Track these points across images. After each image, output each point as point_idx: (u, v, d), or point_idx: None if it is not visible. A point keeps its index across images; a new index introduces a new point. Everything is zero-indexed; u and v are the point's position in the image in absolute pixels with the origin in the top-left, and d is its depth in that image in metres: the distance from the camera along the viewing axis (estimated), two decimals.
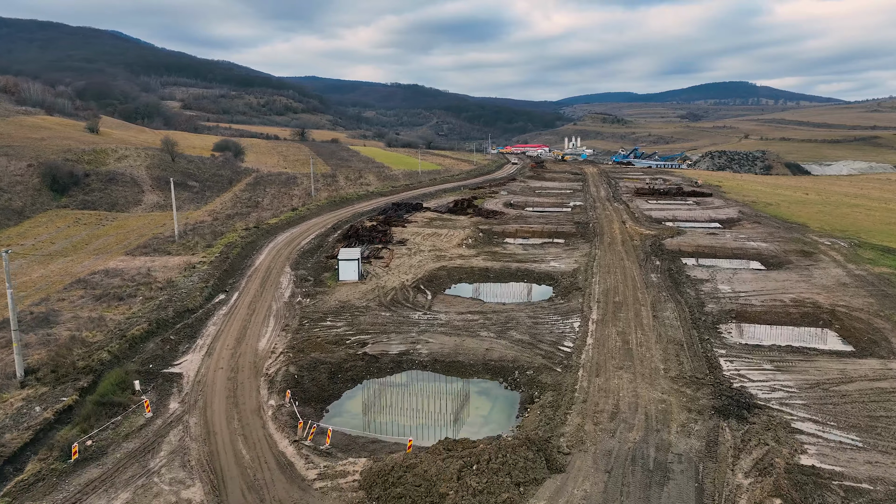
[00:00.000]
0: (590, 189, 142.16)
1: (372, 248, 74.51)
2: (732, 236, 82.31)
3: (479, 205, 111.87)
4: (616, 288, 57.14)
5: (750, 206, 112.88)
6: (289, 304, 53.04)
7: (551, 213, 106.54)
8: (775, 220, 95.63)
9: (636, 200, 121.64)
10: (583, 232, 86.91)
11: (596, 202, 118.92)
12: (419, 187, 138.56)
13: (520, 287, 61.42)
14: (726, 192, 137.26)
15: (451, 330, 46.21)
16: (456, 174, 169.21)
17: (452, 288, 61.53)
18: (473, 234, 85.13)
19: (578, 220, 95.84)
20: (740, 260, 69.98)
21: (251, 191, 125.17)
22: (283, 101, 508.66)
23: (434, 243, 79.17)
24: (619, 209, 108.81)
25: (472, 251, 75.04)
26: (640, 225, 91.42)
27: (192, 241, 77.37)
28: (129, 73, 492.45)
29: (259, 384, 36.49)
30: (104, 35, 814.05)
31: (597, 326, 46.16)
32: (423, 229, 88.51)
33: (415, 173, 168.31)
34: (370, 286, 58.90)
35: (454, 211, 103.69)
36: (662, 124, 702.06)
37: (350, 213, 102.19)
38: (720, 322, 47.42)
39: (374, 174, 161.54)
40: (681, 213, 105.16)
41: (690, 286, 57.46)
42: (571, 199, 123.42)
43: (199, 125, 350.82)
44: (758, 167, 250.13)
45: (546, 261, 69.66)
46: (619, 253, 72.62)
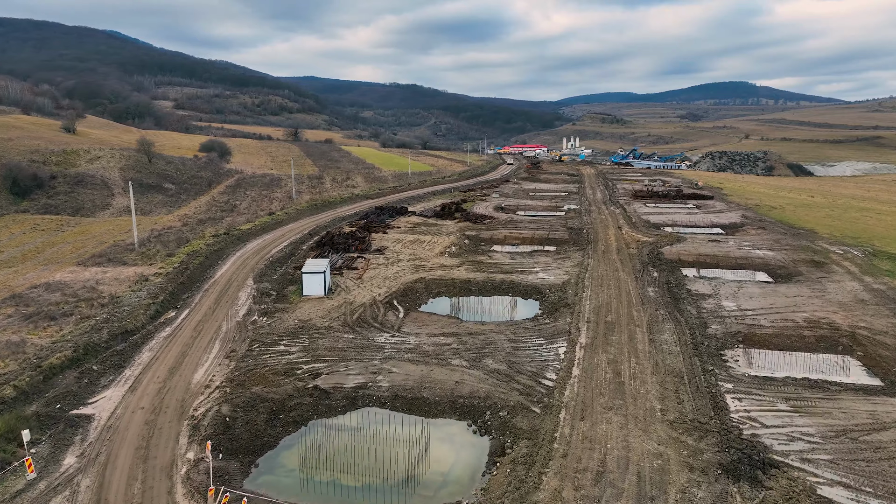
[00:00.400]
0: (586, 191, 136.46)
1: (346, 258, 68.80)
2: (736, 244, 76.62)
3: (468, 208, 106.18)
4: (609, 304, 51.45)
5: (753, 209, 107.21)
6: (241, 325, 47.33)
7: (543, 217, 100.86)
8: (781, 226, 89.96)
9: (634, 204, 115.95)
10: (576, 238, 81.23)
11: (591, 206, 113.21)
12: (408, 189, 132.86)
13: (503, 302, 55.72)
14: (728, 194, 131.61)
15: (419, 357, 40.53)
16: (448, 176, 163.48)
17: (429, 303, 55.84)
18: (458, 242, 79.41)
19: (572, 226, 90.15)
20: (745, 271, 64.28)
21: (230, 193, 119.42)
22: (279, 101, 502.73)
23: (415, 251, 73.48)
24: (616, 213, 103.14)
25: (454, 260, 69.35)
26: (636, 231, 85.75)
27: (154, 249, 71.66)
28: (122, 73, 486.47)
29: (180, 430, 30.78)
30: (99, 34, 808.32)
31: (585, 353, 40.46)
32: (404, 236, 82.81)
33: (406, 174, 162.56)
34: (337, 302, 53.21)
35: (441, 215, 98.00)
36: (662, 124, 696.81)
37: (331, 218, 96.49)
38: (725, 347, 41.73)
39: (362, 176, 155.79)
40: (681, 217, 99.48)
41: (691, 302, 51.77)
42: (566, 202, 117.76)
43: (190, 125, 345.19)
44: (759, 168, 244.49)
45: (534, 271, 63.99)
46: (613, 263, 66.93)
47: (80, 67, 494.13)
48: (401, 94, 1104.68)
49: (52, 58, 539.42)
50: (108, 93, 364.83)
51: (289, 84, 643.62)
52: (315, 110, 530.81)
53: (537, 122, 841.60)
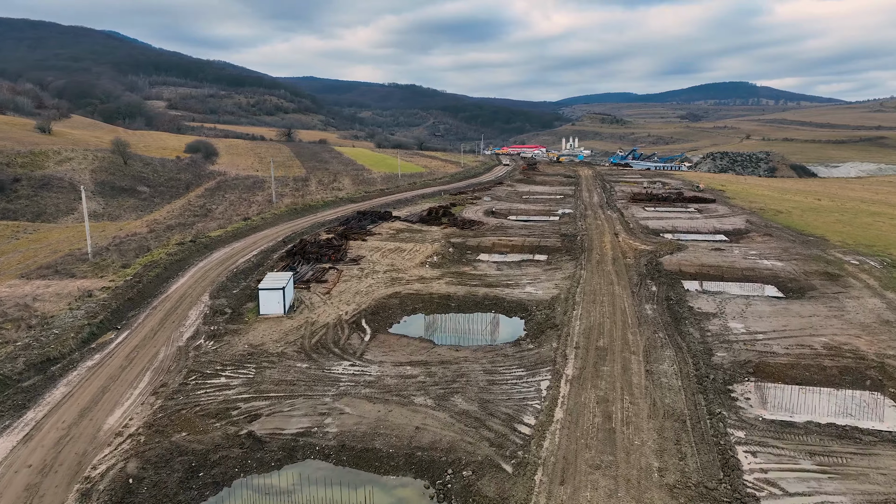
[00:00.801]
0: (582, 194, 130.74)
1: (316, 269, 63.09)
2: (742, 252, 70.87)
3: (457, 213, 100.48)
4: (601, 325, 45.74)
5: (758, 214, 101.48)
6: (182, 351, 41.62)
7: (536, 222, 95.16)
8: (789, 232, 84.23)
9: (632, 208, 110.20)
10: (569, 246, 75.50)
11: (587, 210, 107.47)
12: (396, 192, 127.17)
13: (484, 321, 50.02)
14: (731, 197, 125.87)
15: (378, 393, 34.85)
16: (440, 177, 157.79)
17: (402, 322, 50.15)
18: (442, 250, 73.68)
19: (565, 232, 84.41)
20: (753, 284, 58.53)
21: (208, 197, 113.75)
22: (274, 101, 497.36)
23: (394, 262, 67.77)
24: (613, 218, 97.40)
25: (435, 272, 63.64)
26: (634, 238, 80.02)
27: (109, 259, 65.95)
28: (116, 73, 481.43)
29: (66, 500, 25.06)
30: (96, 34, 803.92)
31: (571, 389, 34.76)
32: (385, 243, 77.09)
33: (396, 177, 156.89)
34: (297, 322, 47.52)
35: (426, 220, 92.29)
36: (662, 124, 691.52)
37: (309, 223, 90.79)
38: (734, 380, 36.02)
39: (350, 178, 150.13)
40: (681, 222, 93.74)
41: (694, 323, 46.04)
42: (561, 206, 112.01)
43: (182, 125, 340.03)
44: (762, 169, 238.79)
45: (521, 285, 58.30)
46: (608, 274, 61.21)
47: (74, 67, 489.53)
48: (400, 95, 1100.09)
49: (47, 57, 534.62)
50: (100, 92, 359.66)
51: (285, 84, 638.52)
52: (311, 110, 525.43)
53: (536, 122, 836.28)
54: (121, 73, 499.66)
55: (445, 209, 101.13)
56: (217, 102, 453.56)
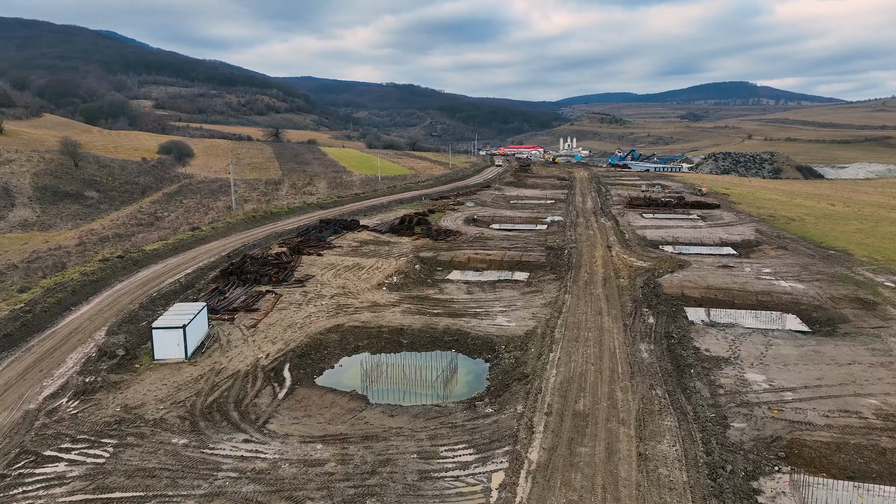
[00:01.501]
0: (575, 199, 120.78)
1: (250, 294, 53.15)
2: (754, 270, 60.89)
3: (434, 221, 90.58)
4: (583, 376, 35.84)
5: (768, 222, 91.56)
6: (29, 417, 31.69)
7: (521, 232, 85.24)
8: (805, 244, 74.25)
9: (628, 214, 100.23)
10: (555, 262, 65.58)
11: (579, 217, 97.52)
12: (373, 197, 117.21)
13: (439, 365, 40.04)
14: (736, 202, 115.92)
15: (264, 492, 24.91)
16: (424, 180, 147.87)
17: (336, 367, 40.29)
18: (407, 267, 63.73)
19: (552, 245, 74.45)
20: (770, 314, 48.57)
21: (164, 202, 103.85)
22: (266, 101, 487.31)
23: (347, 283, 57.85)
24: (606, 227, 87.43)
25: (393, 296, 53.74)
26: (630, 251, 70.05)
27: (9, 280, 56.10)
28: (104, 72, 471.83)
29: None
30: (88, 33, 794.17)
31: (532, 490, 24.80)
32: (343, 259, 67.13)
33: (387, 178, 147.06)
34: (200, 370, 37.63)
35: (397, 230, 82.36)
36: (662, 124, 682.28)
37: (265, 234, 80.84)
38: (759, 472, 26.08)
39: (327, 181, 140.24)
40: (683, 232, 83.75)
41: (701, 374, 36.12)
42: (550, 212, 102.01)
43: (167, 125, 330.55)
44: (766, 170, 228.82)
45: (492, 314, 48.42)
46: (597, 300, 51.30)
47: (61, 66, 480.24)
48: (397, 95, 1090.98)
49: (35, 56, 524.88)
50: (83, 92, 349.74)
51: (280, 84, 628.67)
52: (304, 110, 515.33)
53: (535, 122, 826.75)
54: (109, 72, 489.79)
55: (421, 217, 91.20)
56: (207, 102, 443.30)
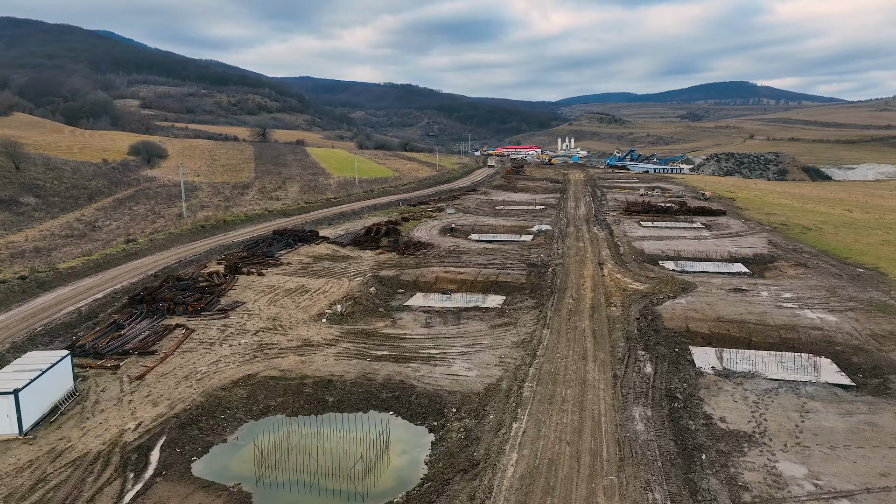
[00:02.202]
0: (567, 204, 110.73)
1: (154, 329, 43.14)
2: (772, 295, 50.84)
3: (406, 231, 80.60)
4: (554, 466, 25.88)
5: (781, 231, 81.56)
6: None
7: (502, 244, 75.22)
8: (828, 260, 64.22)
9: (624, 222, 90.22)
10: (536, 284, 55.66)
11: (570, 225, 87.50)
12: (345, 202, 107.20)
13: (363, 442, 30.04)
14: (743, 207, 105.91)
15: None
16: (406, 183, 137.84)
17: (230, 442, 30.35)
18: (360, 290, 53.71)
19: (535, 261, 64.42)
20: (799, 357, 38.58)
21: (112, 209, 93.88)
22: (257, 100, 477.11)
23: (280, 312, 47.86)
24: (599, 238, 77.38)
25: (333, 330, 43.77)
26: (624, 269, 60.04)
27: None
28: (92, 70, 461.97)
29: None
30: (81, 32, 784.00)
31: None
32: (287, 280, 57.11)
33: (366, 181, 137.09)
34: (34, 451, 27.75)
35: (361, 243, 72.31)
36: (662, 124, 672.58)
37: (209, 247, 70.81)
38: None
39: (300, 184, 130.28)
40: (686, 244, 73.67)
41: (716, 464, 26.15)
42: (538, 220, 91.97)
43: (152, 125, 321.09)
44: (771, 171, 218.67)
45: (449, 357, 38.52)
46: (581, 337, 41.34)
47: (49, 65, 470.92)
48: (395, 94, 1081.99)
49: (22, 55, 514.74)
50: (66, 90, 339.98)
51: (271, 83, 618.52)
52: (297, 110, 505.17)
53: (533, 122, 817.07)
54: (98, 71, 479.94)
55: (392, 226, 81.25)
56: (196, 101, 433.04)
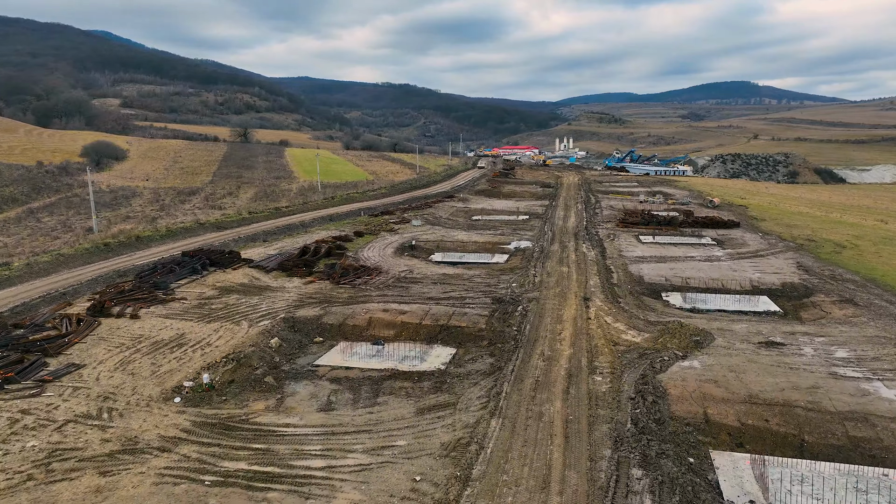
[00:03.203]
0: (556, 214, 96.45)
1: None
2: (820, 355, 36.37)
3: (355, 249, 66.37)
4: None
5: (810, 250, 67.26)
6: None
7: (469, 268, 60.95)
8: (880, 293, 49.81)
9: (620, 237, 75.94)
10: (498, 330, 41.45)
11: (555, 241, 73.21)
12: (300, 211, 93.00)
13: None
14: (758, 217, 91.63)
15: None
16: (377, 188, 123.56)
17: None
18: (256, 344, 39.40)
19: (503, 294, 50.13)
20: (888, 480, 24.26)
21: (15, 221, 79.77)
22: (245, 99, 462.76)
23: (124, 383, 33.55)
24: (588, 260, 63.05)
25: (182, 419, 29.54)
26: (617, 308, 45.74)
27: None
28: (75, 69, 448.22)
29: None
30: (72, 31, 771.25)
31: None
32: (166, 324, 42.78)
33: (331, 186, 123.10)
34: None
35: (289, 267, 58.02)
36: (663, 124, 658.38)
37: (98, 274, 56.50)
38: None
39: (256, 190, 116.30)
40: (695, 267, 59.38)
41: None
42: (518, 235, 77.72)
43: (130, 125, 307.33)
44: (780, 173, 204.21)
45: (333, 480, 24.24)
46: (548, 435, 27.01)
47: (31, 63, 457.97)
48: (393, 94, 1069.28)
49: (6, 53, 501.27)
50: (41, 89, 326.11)
51: (262, 82, 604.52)
52: (288, 109, 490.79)
53: (532, 122, 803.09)
54: (82, 69, 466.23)
55: (338, 243, 67.11)
56: (182, 100, 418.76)
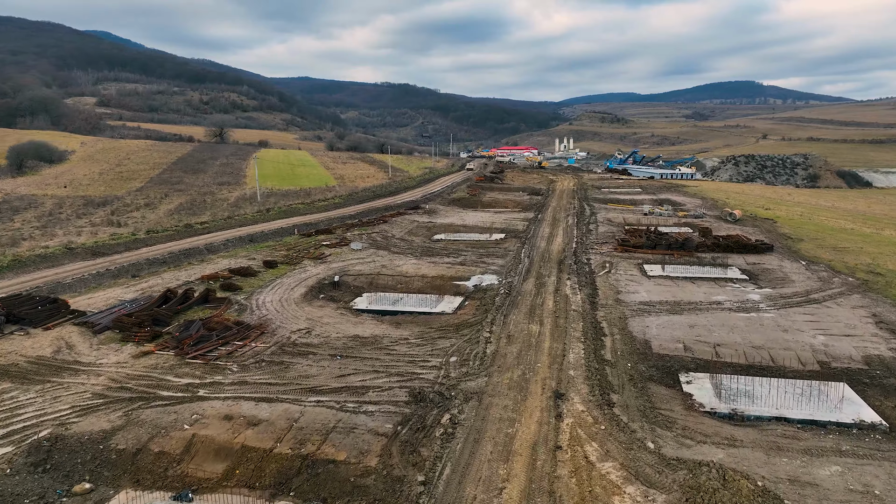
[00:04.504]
0: (539, 231, 77.95)
1: None
2: None
3: (248, 291, 47.85)
4: None
5: (878, 290, 48.55)
6: None
7: (397, 323, 42.35)
8: None
9: (619, 267, 57.32)
10: (392, 484, 22.90)
11: (530, 275, 54.57)
12: (215, 230, 74.67)
13: None
14: (793, 235, 73.03)
15: None
16: (330, 198, 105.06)
17: None
18: None
19: (426, 387, 31.54)
20: None
21: None
22: (232, 98, 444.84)
23: None
24: (572, 305, 44.43)
25: None
26: (608, 421, 27.17)
27: None
28: (55, 67, 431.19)
29: None
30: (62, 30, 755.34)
31: None
32: None
33: (277, 194, 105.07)
34: None
35: (128, 326, 39.48)
36: (667, 123, 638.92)
37: None
38: None
39: (187, 198, 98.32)
40: (727, 324, 40.70)
41: None
42: (484, 264, 59.09)
43: (100, 124, 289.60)
44: (799, 177, 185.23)
45: None
46: None
47: (9, 60, 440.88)
48: (391, 94, 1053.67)
49: None
50: (8, 87, 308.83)
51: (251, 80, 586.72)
52: (278, 108, 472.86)
53: (532, 122, 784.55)
54: (63, 67, 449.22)
55: (232, 280, 48.74)
56: (164, 99, 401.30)
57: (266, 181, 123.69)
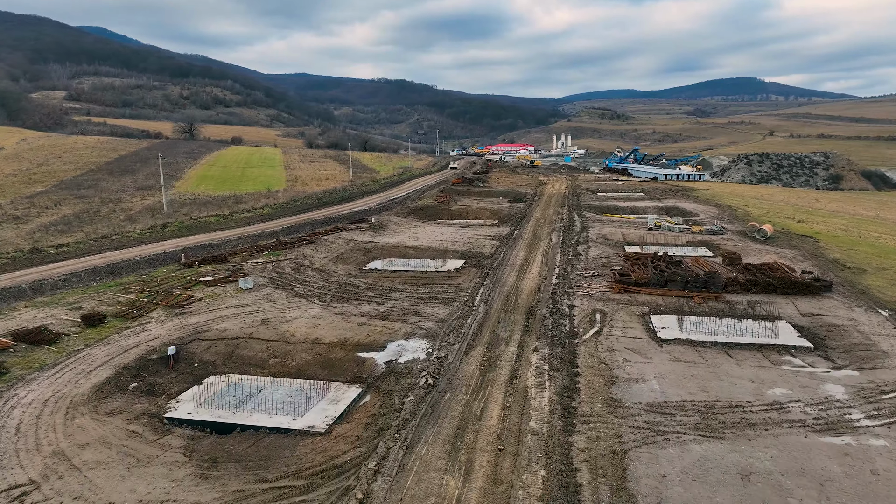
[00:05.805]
0: (512, 255, 59.20)
1: None
2: None
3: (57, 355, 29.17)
4: None
5: None
6: None
7: (203, 479, 23.68)
8: None
9: (615, 321, 38.66)
10: None
11: (479, 339, 35.96)
12: (85, 254, 56.12)
13: None
14: (850, 263, 54.45)
15: None
16: (261, 206, 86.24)
17: None
18: None
19: None
20: None
21: None
22: (214, 93, 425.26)
23: None
24: (533, 422, 25.88)
25: None
26: None
27: None
28: (26, 61, 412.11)
29: None
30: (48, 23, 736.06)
31: None
32: None
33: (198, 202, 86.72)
34: None
35: None
36: (668, 120, 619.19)
37: None
38: None
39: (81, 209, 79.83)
40: (812, 479, 22.18)
41: None
42: (415, 318, 40.41)
43: (63, 119, 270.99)
44: (819, 177, 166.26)
45: None
46: None
47: None
48: (388, 90, 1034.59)
49: None
50: None
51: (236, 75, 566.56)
52: (262, 104, 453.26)
53: (530, 118, 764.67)
54: (38, 61, 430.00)
55: None
56: (142, 94, 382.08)
57: (201, 184, 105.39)
